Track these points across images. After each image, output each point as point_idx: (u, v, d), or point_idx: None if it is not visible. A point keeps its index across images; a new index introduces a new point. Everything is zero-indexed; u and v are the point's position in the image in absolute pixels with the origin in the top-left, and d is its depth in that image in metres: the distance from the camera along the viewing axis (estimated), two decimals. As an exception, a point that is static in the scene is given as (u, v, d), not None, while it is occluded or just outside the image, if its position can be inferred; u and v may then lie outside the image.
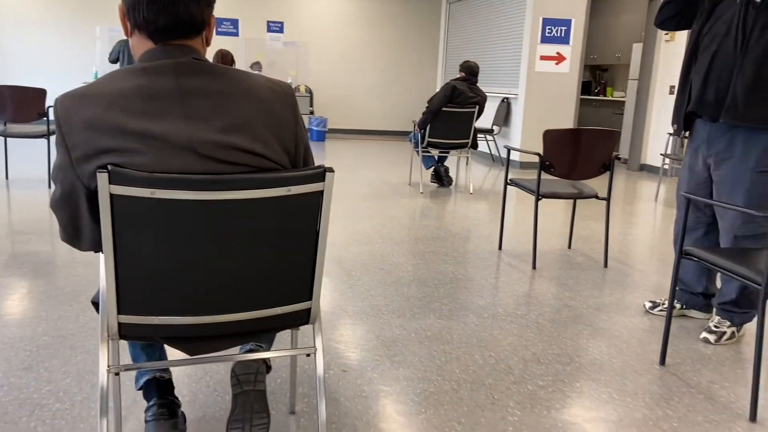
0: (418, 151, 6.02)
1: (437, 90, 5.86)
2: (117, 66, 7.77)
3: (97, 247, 1.34)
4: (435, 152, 6.13)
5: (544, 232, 4.49)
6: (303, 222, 1.36)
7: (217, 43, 9.26)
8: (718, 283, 2.79)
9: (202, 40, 1.30)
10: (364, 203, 5.25)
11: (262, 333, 1.48)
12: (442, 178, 6.26)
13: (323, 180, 1.34)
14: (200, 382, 2.07)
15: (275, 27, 10.85)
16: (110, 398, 1.53)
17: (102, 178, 1.15)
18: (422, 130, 5.83)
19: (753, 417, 2.00)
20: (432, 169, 6.34)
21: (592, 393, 2.14)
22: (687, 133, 2.68)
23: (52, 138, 5.29)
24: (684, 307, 2.85)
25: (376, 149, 9.30)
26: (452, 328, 2.65)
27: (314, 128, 9.97)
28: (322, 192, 1.35)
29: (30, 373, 2.06)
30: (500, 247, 4.01)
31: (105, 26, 10.14)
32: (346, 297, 2.98)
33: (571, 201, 5.21)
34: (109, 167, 1.16)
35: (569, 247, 4.12)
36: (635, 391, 2.17)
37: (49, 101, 5.24)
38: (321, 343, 1.54)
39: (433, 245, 4.01)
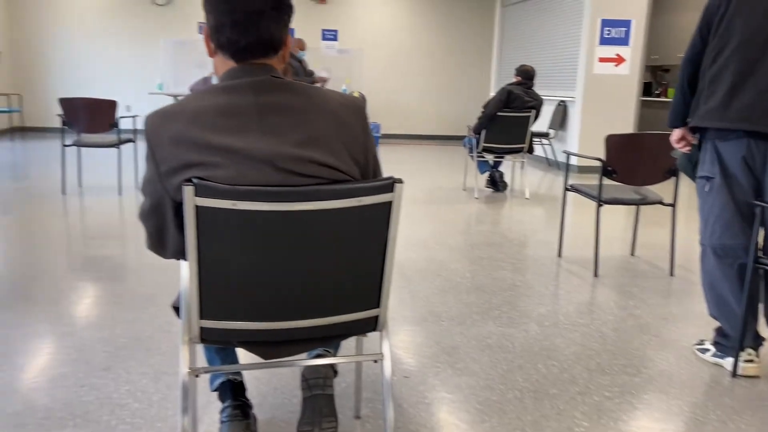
0: (473, 156, 6.00)
1: (491, 94, 5.83)
2: None
3: (180, 256, 1.41)
4: (490, 157, 6.10)
5: (604, 239, 4.40)
6: (372, 232, 1.40)
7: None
8: None
9: (280, 59, 1.36)
10: (419, 208, 5.27)
11: (332, 339, 1.52)
12: (497, 183, 6.22)
13: (392, 191, 1.37)
14: (268, 384, 2.14)
15: (330, 35, 11.03)
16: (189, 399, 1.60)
17: (188, 191, 1.22)
18: (477, 135, 5.82)
19: (835, 434, 1.91)
20: (487, 174, 6.31)
21: (660, 405, 2.09)
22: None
23: (123, 147, 5.55)
24: None
25: (429, 154, 9.31)
26: (513, 336, 2.63)
27: (368, 134, 10.07)
28: (390, 203, 1.38)
29: (109, 373, 2.17)
30: (560, 254, 3.96)
31: (168, 39, 10.55)
32: (406, 303, 3.00)
33: (633, 207, 5.08)
34: (194, 180, 1.22)
35: (632, 254, 4.03)
36: (705, 403, 2.10)
37: (119, 112, 5.49)
38: (388, 350, 1.57)
39: (490, 251, 3.99)
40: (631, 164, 3.44)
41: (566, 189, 3.86)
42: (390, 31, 11.22)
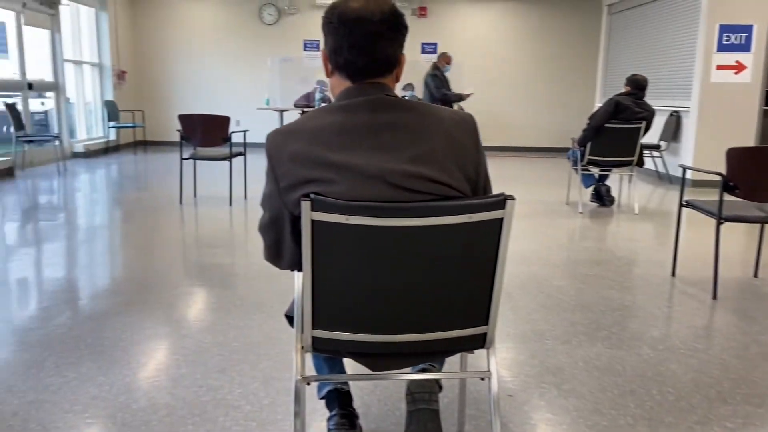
0: (576, 169, 5.81)
1: (597, 105, 5.63)
2: None
3: (295, 267, 1.47)
4: (595, 170, 5.88)
5: (724, 259, 4.10)
6: (483, 248, 1.39)
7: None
8: None
9: (394, 77, 1.39)
10: (520, 223, 5.16)
11: (439, 354, 1.53)
12: (602, 197, 5.97)
13: (503, 207, 1.35)
14: (371, 395, 2.17)
15: (429, 49, 11.11)
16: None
17: (305, 206, 1.27)
18: (582, 148, 5.63)
19: None
20: (592, 187, 6.08)
21: (792, 443, 1.91)
22: None
23: (234, 160, 5.87)
24: None
25: (530, 167, 9.11)
26: (624, 359, 2.51)
27: (467, 147, 10.01)
28: (501, 219, 1.37)
29: (224, 375, 2.30)
30: (674, 274, 3.73)
31: (275, 56, 11.07)
32: (508, 319, 2.95)
33: (757, 225, 4.70)
34: (312, 195, 1.28)
35: (755, 275, 3.73)
36: None
37: (231, 127, 5.81)
38: (495, 368, 1.55)
39: (596, 269, 3.84)
40: (755, 179, 3.19)
41: (681, 205, 3.65)
42: (491, 42, 11.14)
